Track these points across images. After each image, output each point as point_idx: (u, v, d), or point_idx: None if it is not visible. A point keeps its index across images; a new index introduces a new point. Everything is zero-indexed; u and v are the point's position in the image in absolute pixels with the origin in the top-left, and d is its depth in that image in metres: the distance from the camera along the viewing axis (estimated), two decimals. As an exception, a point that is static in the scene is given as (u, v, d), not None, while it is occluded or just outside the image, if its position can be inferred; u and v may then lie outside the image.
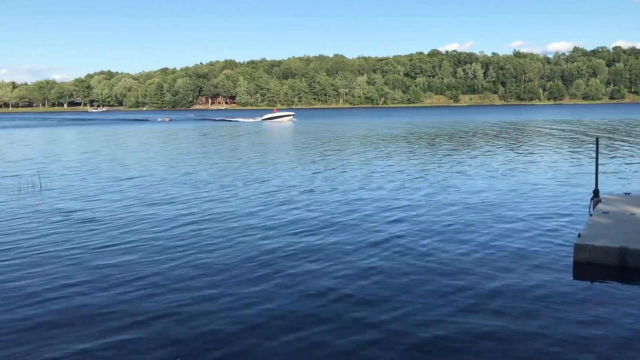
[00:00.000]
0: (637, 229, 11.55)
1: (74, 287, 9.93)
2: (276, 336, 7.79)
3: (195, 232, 13.97)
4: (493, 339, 7.60)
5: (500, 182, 21.60)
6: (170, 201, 18.47)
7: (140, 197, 19.33)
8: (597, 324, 7.99)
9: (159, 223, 15.07)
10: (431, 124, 78.12)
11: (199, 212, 16.46)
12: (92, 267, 11.11)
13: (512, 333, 7.77)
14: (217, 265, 11.13)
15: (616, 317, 8.24)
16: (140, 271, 10.81)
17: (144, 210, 16.89)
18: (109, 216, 16.11)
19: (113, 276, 10.51)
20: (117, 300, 9.29)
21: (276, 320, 8.33)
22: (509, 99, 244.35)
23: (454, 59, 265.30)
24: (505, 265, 10.88)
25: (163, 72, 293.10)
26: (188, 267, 11.05)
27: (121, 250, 12.34)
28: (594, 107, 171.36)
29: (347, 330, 7.95)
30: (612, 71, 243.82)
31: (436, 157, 32.14)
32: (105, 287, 9.91)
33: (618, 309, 8.55)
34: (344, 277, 10.28)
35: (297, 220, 15.15)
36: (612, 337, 7.57)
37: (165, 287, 9.91)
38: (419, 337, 7.68)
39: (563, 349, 7.26)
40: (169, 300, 9.26)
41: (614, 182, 20.90)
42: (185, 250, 12.28)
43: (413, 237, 13.19)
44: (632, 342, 7.37)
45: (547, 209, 16.14)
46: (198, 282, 10.12)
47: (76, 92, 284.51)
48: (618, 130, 55.26)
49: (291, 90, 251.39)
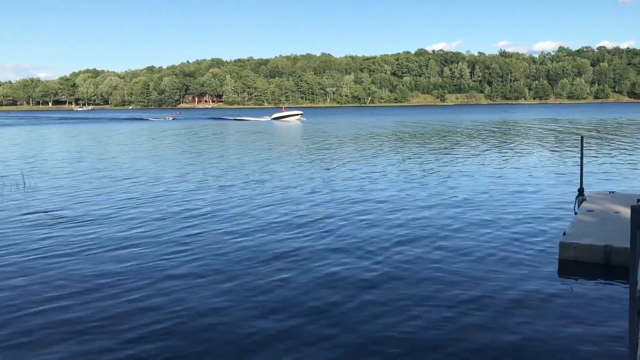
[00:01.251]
0: (621, 227, 11.68)
1: (61, 291, 9.88)
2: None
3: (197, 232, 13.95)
4: (476, 335, 7.68)
5: (486, 181, 21.75)
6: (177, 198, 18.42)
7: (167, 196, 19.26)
8: (581, 321, 8.09)
9: (180, 220, 15.04)
10: (425, 124, 78.32)
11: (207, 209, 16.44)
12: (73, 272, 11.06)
13: (495, 329, 7.85)
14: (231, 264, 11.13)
15: (600, 315, 8.35)
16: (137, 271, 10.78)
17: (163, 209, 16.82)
18: (115, 216, 16.03)
19: (100, 280, 10.47)
20: (99, 307, 9.26)
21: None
22: (495, 98, 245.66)
23: (440, 58, 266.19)
24: (491, 262, 10.98)
25: (149, 70, 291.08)
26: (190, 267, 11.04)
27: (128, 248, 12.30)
28: (579, 107, 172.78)
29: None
30: (596, 71, 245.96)
31: (424, 157, 32.27)
32: (87, 291, 9.87)
33: (602, 306, 8.67)
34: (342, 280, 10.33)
35: (292, 222, 15.19)
36: (595, 333, 7.68)
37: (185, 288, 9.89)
38: (410, 333, 7.76)
39: (545, 345, 7.36)
40: (167, 310, 9.24)
41: (599, 180, 21.13)
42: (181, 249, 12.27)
43: (401, 236, 13.27)
44: (615, 339, 7.47)
45: (533, 208, 16.29)
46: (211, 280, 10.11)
47: (61, 91, 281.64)
48: (603, 130, 55.81)
49: (278, 89, 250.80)
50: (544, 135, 49.59)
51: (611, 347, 7.24)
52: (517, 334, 7.70)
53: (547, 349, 7.28)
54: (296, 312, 8.62)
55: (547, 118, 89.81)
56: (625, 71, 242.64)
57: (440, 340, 7.56)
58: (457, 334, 7.75)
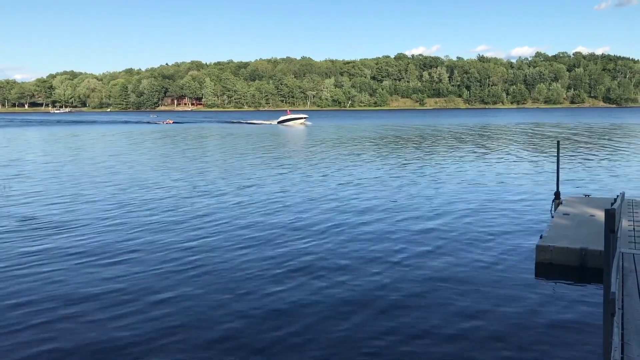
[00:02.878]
0: (596, 230, 11.91)
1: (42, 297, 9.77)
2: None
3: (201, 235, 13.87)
4: (450, 336, 7.77)
5: (463, 185, 21.97)
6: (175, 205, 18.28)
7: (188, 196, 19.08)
8: (556, 323, 8.24)
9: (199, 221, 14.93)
10: (407, 128, 78.70)
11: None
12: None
13: (471, 331, 7.96)
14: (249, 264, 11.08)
15: (575, 316, 8.50)
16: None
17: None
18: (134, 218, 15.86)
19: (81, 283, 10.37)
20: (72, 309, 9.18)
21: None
22: (473, 103, 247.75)
23: (419, 62, 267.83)
24: (468, 265, 11.11)
25: (128, 72, 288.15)
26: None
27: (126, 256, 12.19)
28: (555, 111, 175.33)
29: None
30: (572, 76, 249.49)
31: (402, 161, 32.47)
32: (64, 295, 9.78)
33: (577, 308, 8.83)
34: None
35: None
36: (570, 335, 7.83)
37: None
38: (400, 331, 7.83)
39: (522, 346, 7.47)
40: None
41: (575, 184, 21.49)
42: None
43: (380, 241, 13.36)
44: (590, 340, 7.61)
45: (510, 211, 16.52)
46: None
47: (38, 93, 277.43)
48: (578, 134, 56.70)
49: (258, 92, 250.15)
50: (521, 140, 50.22)
51: (587, 348, 7.38)
52: (493, 337, 7.80)
53: (523, 349, 7.39)
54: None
55: (524, 122, 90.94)
56: (600, 77, 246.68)
57: (413, 342, 7.63)
58: (430, 337, 7.83)
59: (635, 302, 7.01)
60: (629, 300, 7.09)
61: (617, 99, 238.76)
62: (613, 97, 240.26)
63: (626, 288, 7.60)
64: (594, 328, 7.92)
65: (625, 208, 14.21)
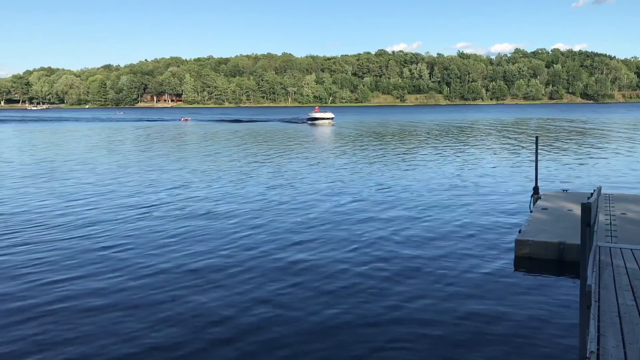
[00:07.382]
0: (573, 224, 12.09)
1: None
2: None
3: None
4: (431, 329, 7.83)
5: (443, 180, 22.11)
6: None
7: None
8: (535, 316, 8.33)
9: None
10: (388, 124, 78.89)
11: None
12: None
13: (450, 324, 8.02)
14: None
15: (553, 309, 8.61)
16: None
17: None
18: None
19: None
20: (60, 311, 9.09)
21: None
22: (454, 99, 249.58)
23: (400, 59, 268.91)
24: (448, 260, 11.19)
25: (106, 68, 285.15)
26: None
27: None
28: (534, 107, 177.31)
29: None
30: (551, 72, 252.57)
31: (382, 157, 32.57)
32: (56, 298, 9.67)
33: (555, 301, 8.94)
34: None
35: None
36: (548, 327, 7.92)
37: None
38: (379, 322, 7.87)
39: (501, 338, 7.55)
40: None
41: (553, 179, 21.75)
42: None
43: (360, 236, 13.40)
44: (567, 332, 7.71)
45: (489, 206, 16.67)
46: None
47: (14, 89, 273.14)
48: (557, 129, 57.39)
49: (239, 88, 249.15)
50: (500, 136, 50.68)
51: (563, 340, 7.48)
52: (472, 330, 7.87)
53: (502, 342, 7.47)
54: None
55: (503, 118, 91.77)
56: (578, 73, 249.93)
57: (396, 332, 7.68)
58: (409, 329, 7.88)
59: (611, 295, 7.13)
60: (605, 293, 7.21)
61: (595, 95, 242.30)
62: (590, 93, 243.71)
63: (602, 281, 7.73)
64: (571, 320, 8.02)
65: (602, 202, 14.45)
